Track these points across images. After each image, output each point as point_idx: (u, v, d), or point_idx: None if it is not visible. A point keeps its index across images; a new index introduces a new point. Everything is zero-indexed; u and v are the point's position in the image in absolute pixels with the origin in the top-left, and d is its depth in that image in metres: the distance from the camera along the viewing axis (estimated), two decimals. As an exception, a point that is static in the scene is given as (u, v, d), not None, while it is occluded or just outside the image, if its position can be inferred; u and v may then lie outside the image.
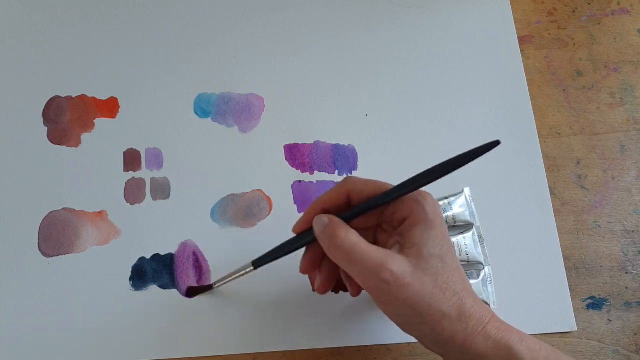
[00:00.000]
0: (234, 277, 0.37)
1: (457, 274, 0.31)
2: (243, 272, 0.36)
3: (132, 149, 0.44)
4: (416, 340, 0.40)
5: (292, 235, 0.34)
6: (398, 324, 0.32)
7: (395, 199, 0.31)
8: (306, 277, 0.41)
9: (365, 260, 0.29)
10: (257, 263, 0.35)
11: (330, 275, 0.34)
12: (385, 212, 0.33)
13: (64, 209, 0.42)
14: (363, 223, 0.33)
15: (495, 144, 0.28)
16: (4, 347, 0.39)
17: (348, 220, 0.32)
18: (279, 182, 0.44)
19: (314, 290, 0.36)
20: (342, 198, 0.33)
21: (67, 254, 0.41)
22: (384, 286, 0.29)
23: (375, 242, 0.34)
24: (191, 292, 0.40)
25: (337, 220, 0.31)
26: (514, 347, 0.29)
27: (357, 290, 0.34)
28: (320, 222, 0.31)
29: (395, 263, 0.29)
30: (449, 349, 0.31)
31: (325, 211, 0.33)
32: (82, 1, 0.49)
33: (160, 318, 0.40)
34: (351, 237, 0.30)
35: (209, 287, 0.39)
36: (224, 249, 0.41)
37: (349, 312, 0.40)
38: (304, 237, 0.33)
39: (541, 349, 0.30)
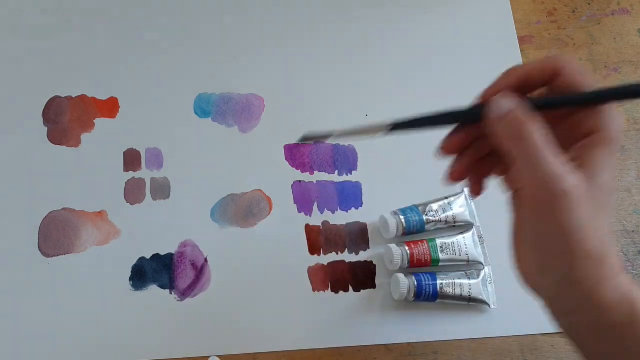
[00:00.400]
0: (360, 134, 0.31)
1: (610, 213, 0.28)
2: (372, 132, 0.30)
3: (132, 149, 0.44)
4: (416, 341, 0.40)
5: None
6: (530, 246, 0.28)
7: (604, 102, 0.27)
8: (306, 278, 0.41)
9: (546, 166, 0.25)
10: (396, 126, 0.30)
11: (470, 165, 0.31)
12: (569, 121, 0.28)
13: (64, 209, 0.42)
14: None
15: None
16: (4, 347, 0.39)
17: (537, 109, 0.27)
18: (279, 182, 0.44)
19: (446, 177, 0.31)
20: (545, 76, 0.28)
21: (67, 254, 0.41)
22: (552, 199, 0.26)
23: None
24: (305, 139, 0.37)
25: (526, 107, 0.26)
26: (637, 303, 0.26)
27: (479, 191, 0.31)
28: (504, 104, 0.27)
29: (574, 181, 0.25)
30: (567, 294, 0.27)
31: (517, 89, 0.28)
32: (82, 1, 0.49)
33: (160, 318, 0.40)
34: (540, 135, 0.26)
35: (327, 136, 0.34)
36: (224, 249, 0.41)
37: (349, 312, 0.40)
38: (469, 111, 0.28)
39: None
